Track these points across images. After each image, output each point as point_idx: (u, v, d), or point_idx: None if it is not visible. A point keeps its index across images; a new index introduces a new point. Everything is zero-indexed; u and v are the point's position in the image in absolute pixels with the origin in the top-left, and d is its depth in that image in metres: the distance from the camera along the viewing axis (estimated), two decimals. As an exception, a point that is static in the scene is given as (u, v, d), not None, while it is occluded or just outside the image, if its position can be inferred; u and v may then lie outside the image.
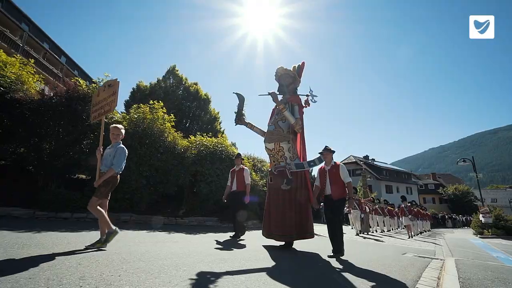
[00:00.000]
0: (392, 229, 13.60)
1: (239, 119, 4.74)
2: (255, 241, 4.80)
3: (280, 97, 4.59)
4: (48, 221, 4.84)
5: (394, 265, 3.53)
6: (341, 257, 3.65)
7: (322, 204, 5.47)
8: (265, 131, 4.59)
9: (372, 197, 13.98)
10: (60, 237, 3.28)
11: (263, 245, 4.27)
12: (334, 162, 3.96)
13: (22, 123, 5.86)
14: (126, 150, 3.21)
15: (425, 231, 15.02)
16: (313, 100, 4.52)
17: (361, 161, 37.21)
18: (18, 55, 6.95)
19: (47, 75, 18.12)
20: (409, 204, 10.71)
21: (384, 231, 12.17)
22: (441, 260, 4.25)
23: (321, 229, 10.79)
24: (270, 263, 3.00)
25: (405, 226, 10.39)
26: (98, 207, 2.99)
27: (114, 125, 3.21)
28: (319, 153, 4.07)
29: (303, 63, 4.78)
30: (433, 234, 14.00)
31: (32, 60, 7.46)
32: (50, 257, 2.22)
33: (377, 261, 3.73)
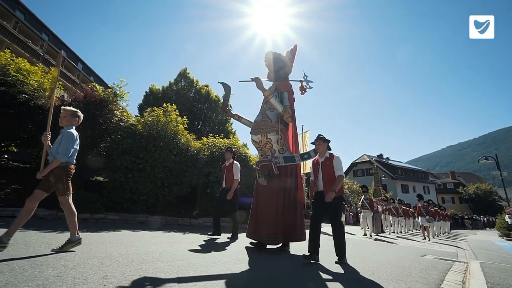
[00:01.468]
0: (408, 231, 13.01)
1: (225, 110, 4.37)
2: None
3: (269, 84, 4.22)
4: (70, 222, 5.04)
5: (414, 267, 3.42)
6: (342, 262, 3.26)
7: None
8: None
9: (385, 196, 13.44)
10: (81, 237, 3.40)
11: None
12: (329, 153, 3.46)
13: (44, 129, 6.14)
14: (76, 134, 2.74)
15: (444, 233, 14.38)
16: (308, 86, 4.14)
17: (374, 159, 36.34)
18: (40, 64, 7.31)
19: (65, 82, 18.94)
20: (425, 204, 10.08)
21: (398, 233, 11.70)
22: (464, 263, 4.07)
23: (328, 229, 10.56)
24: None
25: (422, 227, 9.76)
26: (72, 205, 2.67)
27: (63, 106, 2.84)
28: (312, 143, 3.63)
29: (295, 46, 4.40)
30: (453, 236, 13.41)
31: (53, 68, 7.81)
32: (74, 256, 2.32)
33: (394, 263, 3.63)
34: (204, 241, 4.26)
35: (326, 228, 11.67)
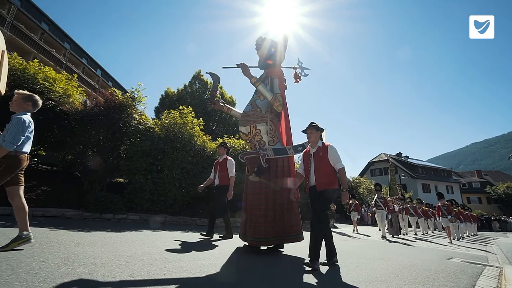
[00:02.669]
0: (427, 232, 12.17)
1: (212, 101, 4.06)
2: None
3: (261, 73, 3.95)
4: (94, 221, 5.28)
5: (441, 271, 3.26)
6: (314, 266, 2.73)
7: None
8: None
9: (401, 195, 12.84)
10: (107, 236, 3.56)
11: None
12: (322, 142, 3.11)
13: (69, 133, 6.48)
14: (28, 120, 2.41)
15: (471, 235, 13.53)
16: (303, 74, 3.88)
17: (392, 157, 35.11)
18: (63, 72, 7.71)
19: (86, 88, 19.88)
20: (448, 203, 9.17)
21: (417, 234, 11.00)
22: (497, 267, 3.82)
23: (345, 229, 10.30)
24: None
25: (447, 228, 8.88)
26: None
27: (16, 90, 2.56)
28: (303, 131, 3.20)
29: (286, 34, 4.12)
30: (480, 239, 12.64)
31: (76, 75, 8.25)
32: (102, 255, 2.42)
33: (419, 266, 3.48)
34: (223, 241, 4.30)
35: (344, 228, 11.36)
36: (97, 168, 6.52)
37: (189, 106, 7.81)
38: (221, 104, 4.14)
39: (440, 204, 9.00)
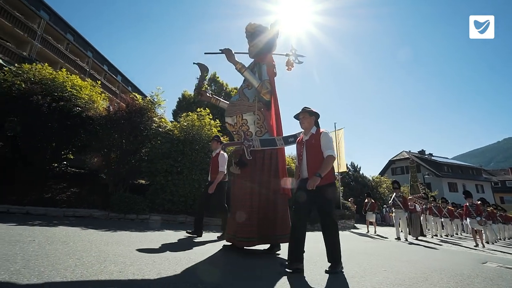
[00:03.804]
0: (453, 234, 11.37)
1: (199, 92, 3.91)
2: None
3: (250, 62, 3.75)
4: (119, 222, 5.51)
5: (475, 276, 3.06)
6: (336, 271, 2.51)
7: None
8: None
9: (424, 193, 12.10)
10: (132, 236, 3.70)
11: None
12: (317, 129, 2.74)
13: (94, 137, 6.83)
14: None
15: (507, 238, 12.49)
16: (297, 61, 3.68)
17: (414, 155, 33.54)
18: (88, 79, 8.16)
19: (108, 93, 20.85)
20: (479, 202, 8.31)
21: (442, 236, 10.28)
22: (540, 273, 3.52)
23: (370, 230, 9.95)
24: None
25: (472, 231, 7.94)
26: None
27: None
28: (294, 117, 2.84)
29: (279, 20, 3.87)
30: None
31: (99, 82, 8.69)
32: (130, 254, 2.52)
33: (450, 270, 3.29)
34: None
35: (365, 229, 11.02)
36: (121, 170, 6.80)
37: (206, 108, 7.94)
38: (208, 95, 3.98)
39: (468, 204, 8.10)
